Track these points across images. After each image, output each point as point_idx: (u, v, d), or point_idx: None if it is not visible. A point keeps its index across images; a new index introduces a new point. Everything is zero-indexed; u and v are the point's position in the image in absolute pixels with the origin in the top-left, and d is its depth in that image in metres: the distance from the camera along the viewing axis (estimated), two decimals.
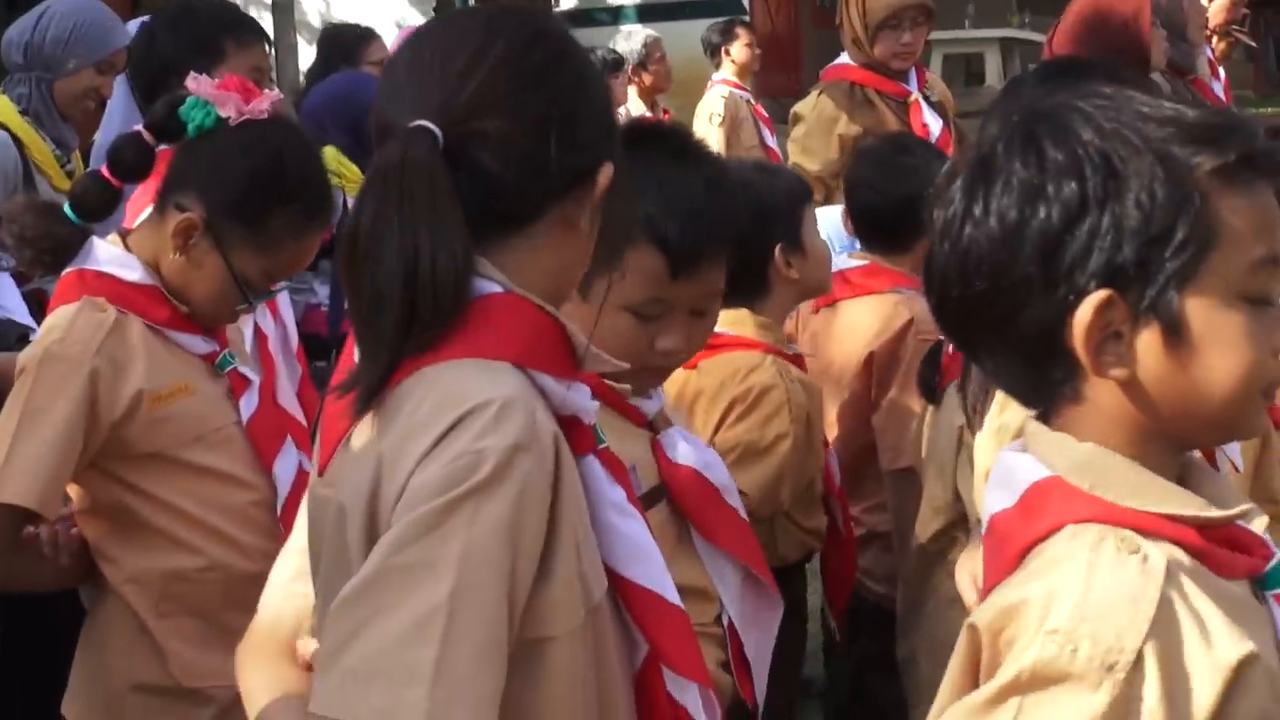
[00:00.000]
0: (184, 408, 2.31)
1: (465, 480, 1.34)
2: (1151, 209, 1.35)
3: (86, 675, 2.39)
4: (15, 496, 2.18)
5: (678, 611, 1.59)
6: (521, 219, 1.52)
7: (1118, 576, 1.32)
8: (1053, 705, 1.30)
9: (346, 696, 1.34)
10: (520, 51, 1.54)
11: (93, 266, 2.30)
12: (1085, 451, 1.40)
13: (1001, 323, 1.42)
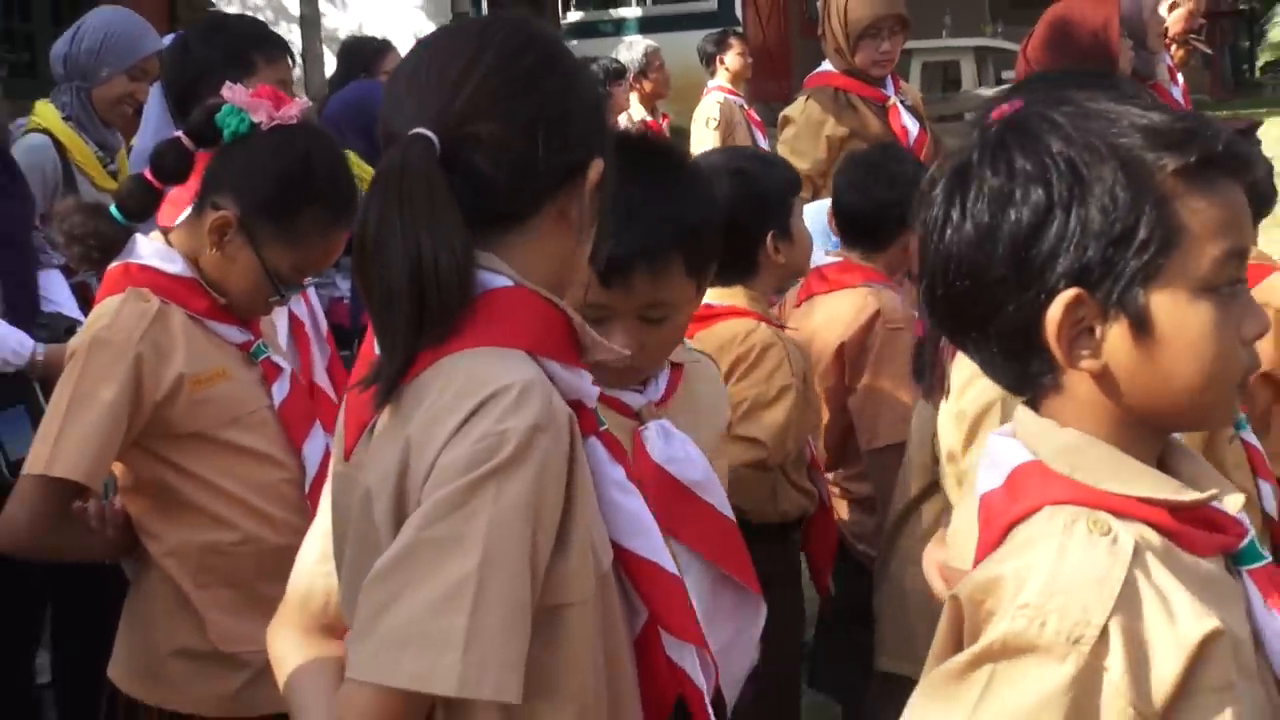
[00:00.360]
0: (221, 391, 2.30)
1: (489, 459, 1.34)
2: (1114, 211, 1.36)
3: (131, 641, 2.38)
4: (65, 471, 2.17)
5: (676, 580, 1.58)
6: (519, 215, 1.52)
7: (1087, 556, 1.34)
8: (1021, 673, 1.31)
9: (383, 663, 1.36)
10: (510, 58, 1.55)
11: (137, 260, 2.30)
12: (1067, 437, 1.41)
13: (984, 320, 1.43)
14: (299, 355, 2.53)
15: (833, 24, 4.69)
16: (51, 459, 2.18)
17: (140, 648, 2.35)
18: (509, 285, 1.47)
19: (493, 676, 1.34)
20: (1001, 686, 1.32)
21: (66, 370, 2.25)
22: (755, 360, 2.73)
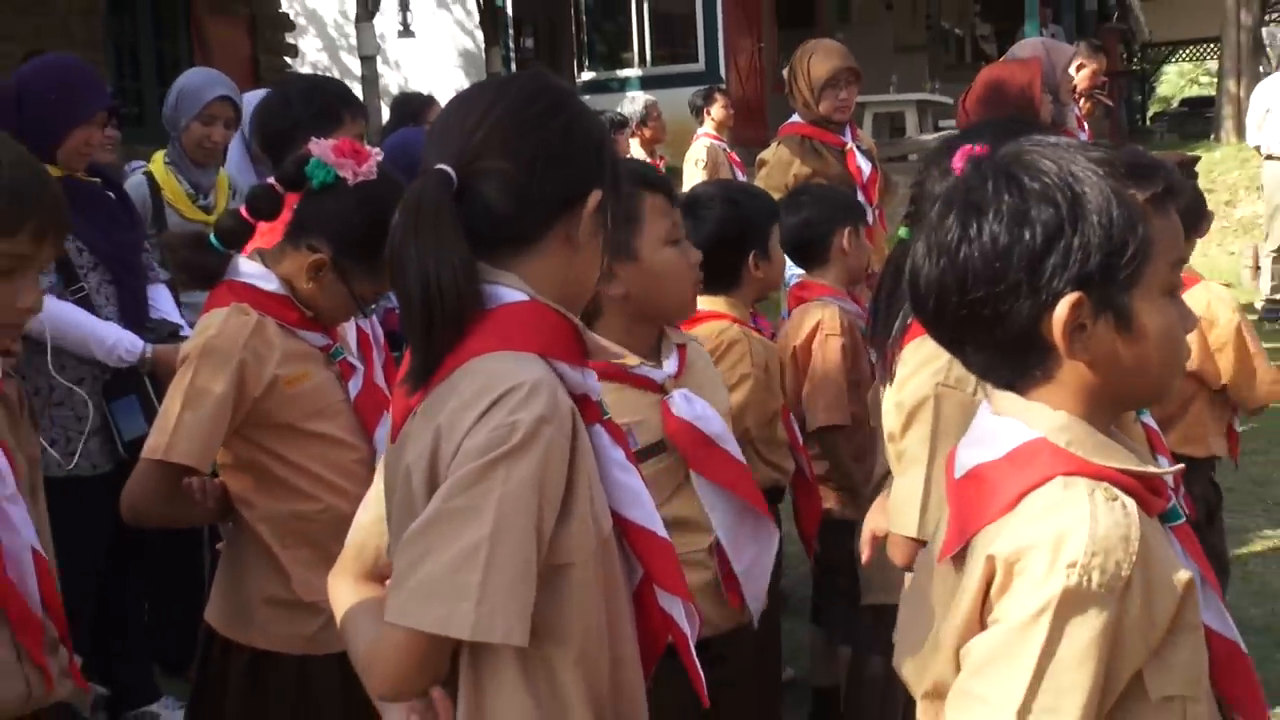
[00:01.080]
0: (307, 388, 2.31)
1: (502, 445, 1.36)
2: (1111, 228, 1.39)
3: (226, 590, 2.39)
4: (180, 457, 2.20)
5: (666, 544, 1.58)
6: (528, 238, 1.52)
7: (1112, 519, 1.36)
8: (1075, 622, 1.33)
9: (411, 610, 1.39)
10: (520, 106, 1.54)
11: (240, 279, 2.31)
12: (1061, 418, 1.43)
13: (992, 322, 1.43)
14: (364, 357, 2.51)
15: (799, 83, 4.72)
16: (169, 447, 2.19)
17: (234, 596, 2.36)
18: (524, 299, 1.48)
19: (502, 624, 1.36)
20: (1059, 634, 1.34)
21: (180, 371, 2.25)
22: (723, 352, 2.74)
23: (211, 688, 2.38)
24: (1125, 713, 1.40)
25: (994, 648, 1.38)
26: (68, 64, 3.68)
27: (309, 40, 14.37)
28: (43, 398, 3.47)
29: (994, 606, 1.40)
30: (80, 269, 3.53)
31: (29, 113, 3.45)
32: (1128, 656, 1.37)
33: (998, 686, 1.37)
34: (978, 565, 1.41)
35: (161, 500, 2.25)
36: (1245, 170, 11.90)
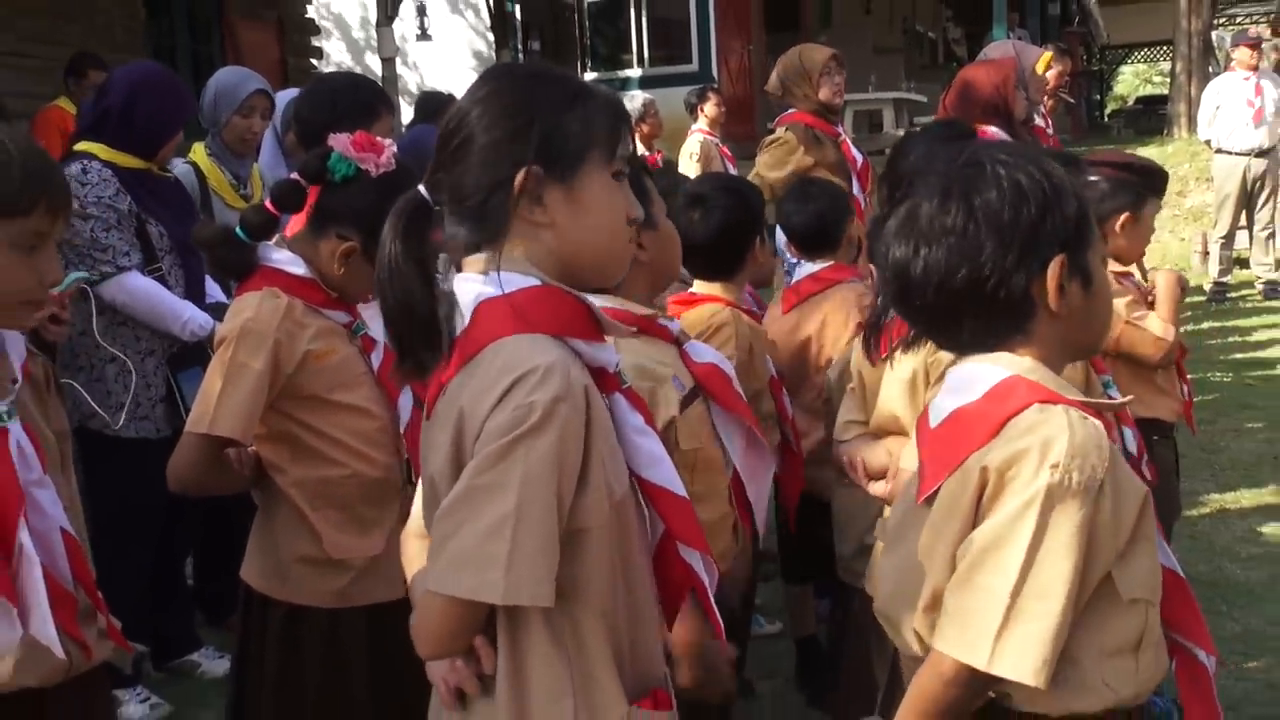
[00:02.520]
0: (333, 363, 2.30)
1: (522, 424, 1.36)
2: (1079, 203, 1.51)
3: (261, 549, 2.39)
4: (224, 430, 2.20)
5: (684, 501, 1.58)
6: (497, 226, 1.48)
7: (1087, 431, 1.44)
8: (1060, 514, 1.40)
9: (447, 579, 1.41)
10: (466, 100, 1.53)
11: (271, 264, 2.31)
12: (1028, 361, 1.52)
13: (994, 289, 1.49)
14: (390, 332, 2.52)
15: (796, 77, 4.75)
16: (213, 421, 2.19)
17: (269, 556, 2.35)
18: (535, 283, 1.46)
19: (529, 588, 1.37)
20: (1046, 525, 1.40)
21: (220, 351, 2.24)
22: (712, 332, 2.72)
23: (252, 640, 2.38)
24: (1100, 614, 1.46)
25: (988, 539, 1.44)
26: (174, 78, 3.82)
27: (333, 43, 14.31)
28: (118, 364, 3.51)
29: (985, 512, 1.46)
30: (159, 251, 3.59)
31: (143, 116, 3.56)
32: (1100, 555, 1.43)
33: (992, 573, 1.43)
34: (970, 482, 1.47)
35: (205, 470, 2.25)
36: (1195, 163, 11.87)
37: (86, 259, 3.43)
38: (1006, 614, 1.40)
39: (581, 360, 1.47)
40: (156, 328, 3.54)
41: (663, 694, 1.55)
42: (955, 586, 1.46)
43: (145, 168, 3.60)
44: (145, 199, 3.56)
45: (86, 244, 3.43)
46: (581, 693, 1.47)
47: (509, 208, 1.47)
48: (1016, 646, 1.40)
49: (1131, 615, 1.46)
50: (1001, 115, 3.90)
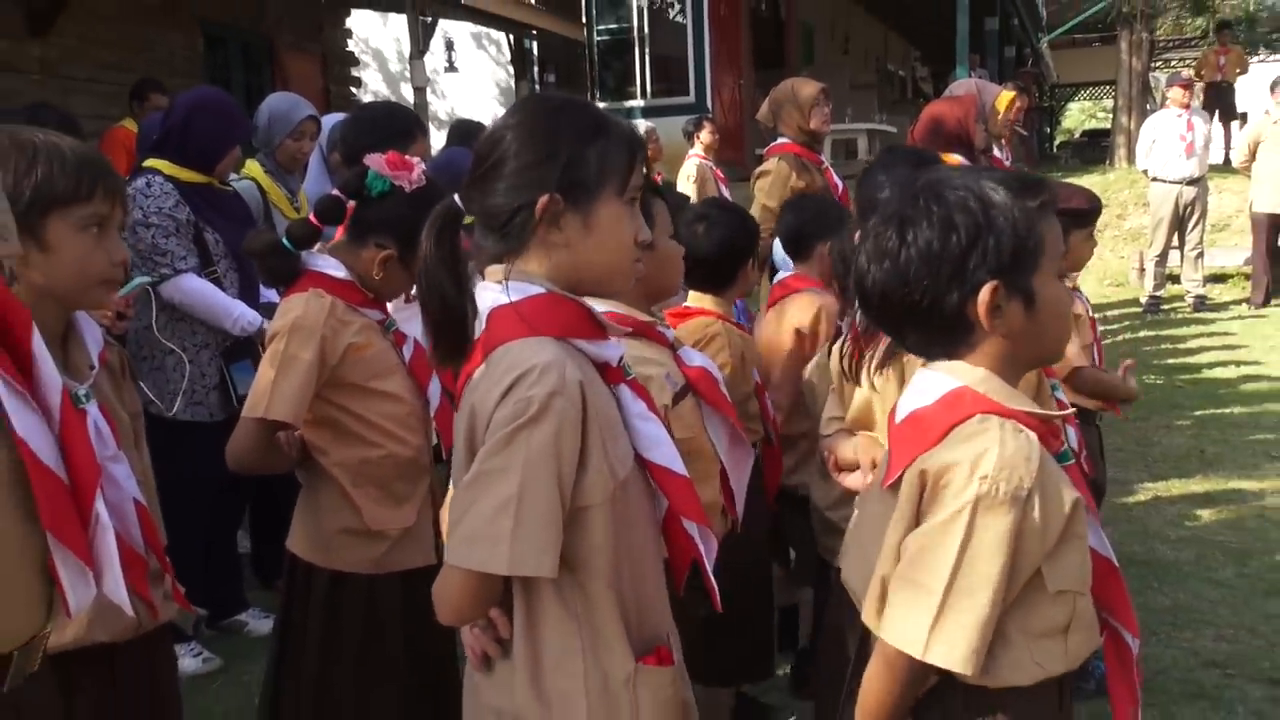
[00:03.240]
0: (370, 355, 2.30)
1: (522, 416, 1.38)
2: (1015, 229, 1.45)
3: (306, 522, 2.38)
4: (278, 414, 2.20)
5: (684, 480, 1.58)
6: (517, 242, 1.50)
7: (1018, 445, 1.42)
8: (985, 522, 1.39)
9: (462, 553, 1.41)
10: (498, 127, 1.53)
11: (316, 269, 2.31)
12: (980, 373, 1.48)
13: (929, 309, 1.47)
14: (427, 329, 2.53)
15: (788, 109, 4.71)
16: (268, 406, 2.20)
17: (313, 528, 2.35)
18: (542, 291, 1.47)
19: (533, 559, 1.38)
20: (974, 531, 1.39)
21: (273, 345, 2.24)
22: (706, 343, 2.71)
23: (296, 604, 2.38)
24: (1029, 604, 1.46)
25: (923, 542, 1.44)
26: (229, 100, 3.82)
27: (371, 74, 14.29)
28: (175, 356, 3.53)
29: (925, 513, 1.46)
30: (215, 256, 3.60)
31: (198, 134, 3.58)
32: (1027, 555, 1.42)
33: (927, 572, 1.43)
34: (914, 483, 1.46)
35: (260, 451, 2.25)
36: (1134, 190, 11.89)
37: (148, 262, 3.47)
38: (939, 610, 1.41)
39: (586, 357, 1.49)
40: (210, 324, 3.57)
41: (665, 651, 1.55)
42: (896, 582, 1.47)
43: (206, 182, 3.61)
44: (203, 209, 3.58)
45: (148, 249, 3.46)
46: (591, 653, 1.47)
47: (530, 227, 1.48)
48: (947, 638, 1.41)
49: (1059, 605, 1.46)
50: (964, 145, 3.93)
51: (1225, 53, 14.64)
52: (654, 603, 1.57)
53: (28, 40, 7.43)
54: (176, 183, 3.53)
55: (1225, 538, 4.56)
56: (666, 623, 1.60)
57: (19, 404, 1.09)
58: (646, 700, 1.49)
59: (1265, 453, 5.72)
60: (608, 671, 1.48)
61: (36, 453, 1.09)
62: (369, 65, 14.23)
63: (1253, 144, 9.58)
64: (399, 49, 13.89)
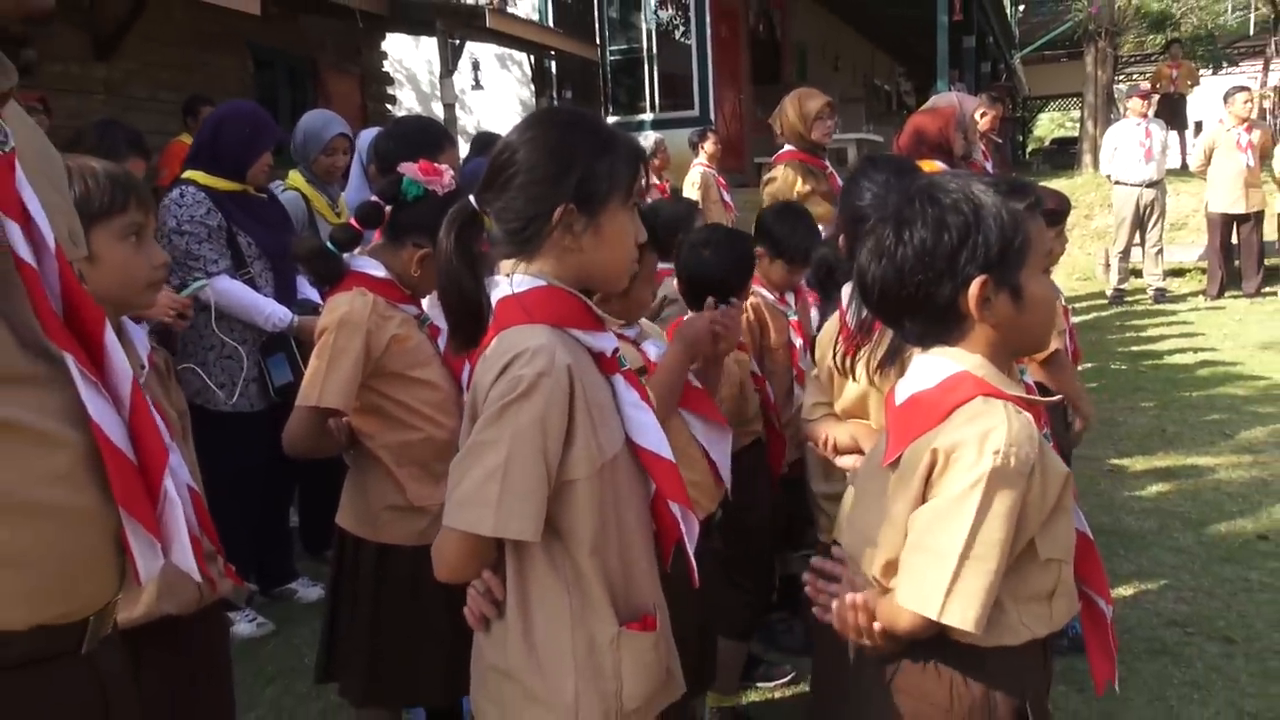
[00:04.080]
0: (410, 346, 2.30)
1: (512, 393, 1.39)
2: (1003, 228, 1.44)
3: (354, 500, 2.38)
4: (330, 402, 2.20)
5: (670, 464, 1.57)
6: (531, 242, 1.50)
7: (1021, 423, 1.41)
8: (997, 492, 1.38)
9: (455, 516, 1.42)
10: (517, 140, 1.51)
11: (359, 269, 2.31)
12: (977, 359, 1.47)
13: (923, 301, 1.47)
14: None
15: (792, 119, 4.66)
16: (321, 396, 2.20)
17: (361, 505, 2.35)
18: (543, 284, 1.48)
19: (516, 524, 1.39)
20: (989, 501, 1.39)
21: (322, 339, 2.24)
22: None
23: (345, 575, 2.38)
24: (1021, 572, 1.46)
25: (938, 513, 1.42)
26: (255, 110, 3.73)
27: (405, 92, 14.27)
28: (215, 352, 3.52)
29: (934, 487, 1.44)
30: (248, 259, 3.57)
31: (226, 142, 3.52)
32: (1028, 525, 1.42)
33: (942, 540, 1.41)
34: (921, 460, 1.45)
35: (313, 436, 2.25)
36: (1099, 192, 11.83)
37: (182, 267, 3.44)
38: (954, 575, 1.39)
39: (581, 345, 1.49)
40: (245, 321, 3.53)
41: (650, 618, 1.54)
42: (910, 550, 1.46)
43: (240, 189, 3.56)
44: (236, 215, 3.53)
45: (182, 255, 3.44)
46: (578, 615, 1.47)
47: (545, 233, 1.49)
48: (961, 602, 1.40)
49: (1047, 571, 1.46)
50: (944, 152, 3.90)
51: (1177, 67, 14.54)
52: (642, 575, 1.56)
53: (94, 64, 7.46)
54: (210, 191, 3.49)
55: (1184, 508, 4.54)
56: (655, 595, 1.59)
57: (93, 393, 1.08)
58: (628, 661, 1.49)
59: (1220, 431, 5.70)
60: (593, 633, 1.48)
61: (110, 436, 1.09)
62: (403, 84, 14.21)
63: (1208, 150, 9.53)
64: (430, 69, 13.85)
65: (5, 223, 1.04)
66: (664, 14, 13.93)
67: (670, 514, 1.56)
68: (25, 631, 1.05)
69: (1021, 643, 1.46)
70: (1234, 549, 4.07)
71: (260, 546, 3.91)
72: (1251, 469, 5.03)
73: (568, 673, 1.46)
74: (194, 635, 1.91)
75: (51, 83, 6.75)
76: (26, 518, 1.03)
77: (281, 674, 3.41)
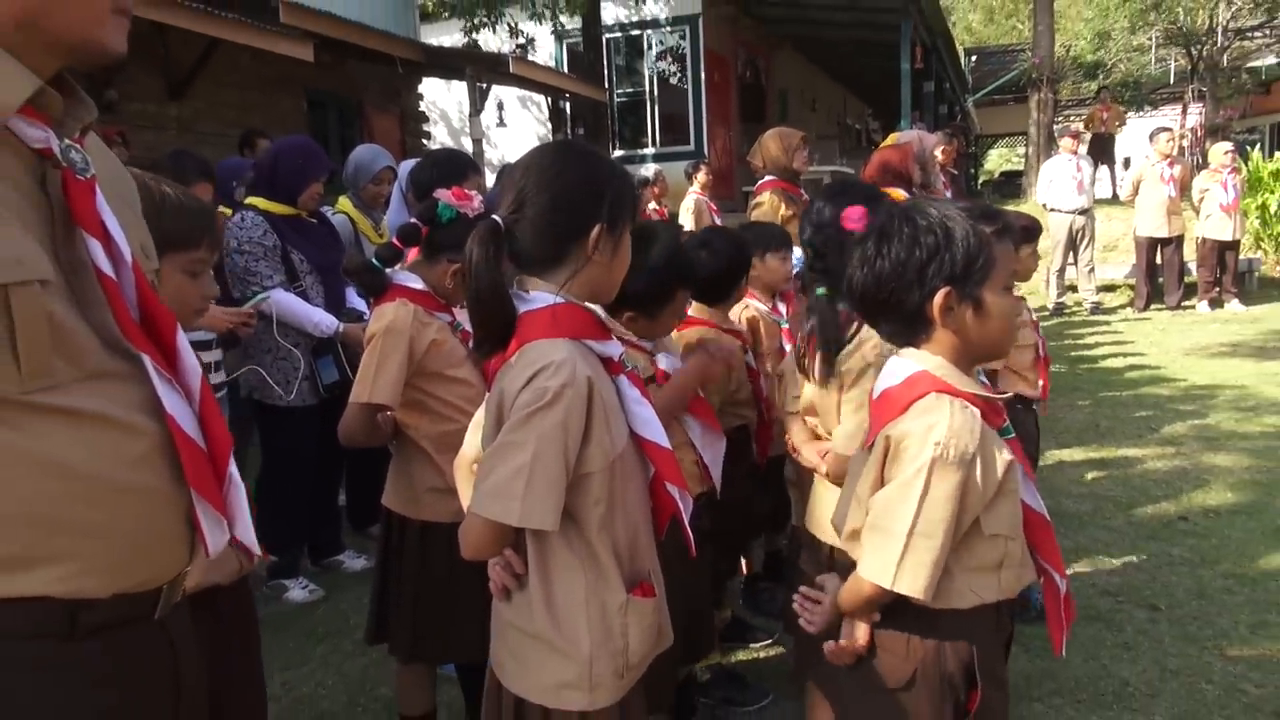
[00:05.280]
0: (446, 349, 2.29)
1: (538, 401, 1.37)
2: (969, 247, 1.44)
3: (398, 483, 2.37)
4: (380, 399, 2.20)
5: (668, 452, 1.56)
6: (557, 258, 1.47)
7: (964, 417, 1.41)
8: (938, 479, 1.38)
9: (484, 504, 1.40)
10: (544, 169, 1.47)
11: (400, 283, 2.30)
12: (937, 360, 1.47)
13: (895, 306, 1.48)
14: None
15: (775, 152, 4.61)
16: (372, 393, 2.19)
17: (406, 487, 2.34)
18: (560, 301, 1.45)
19: (538, 515, 1.38)
20: (930, 486, 1.39)
21: (371, 345, 2.23)
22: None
23: (392, 550, 2.37)
24: (968, 546, 1.47)
25: (889, 496, 1.44)
26: (307, 142, 3.73)
27: (438, 129, 14.29)
28: (272, 355, 3.51)
29: (888, 471, 1.46)
30: (301, 273, 3.56)
31: (282, 171, 3.51)
32: (970, 506, 1.42)
33: (893, 521, 1.43)
34: (880, 447, 1.47)
35: (365, 429, 2.25)
36: (1043, 219, 11.81)
37: (241, 282, 3.45)
38: (903, 550, 1.41)
39: (593, 353, 1.48)
40: (297, 328, 3.52)
41: (649, 585, 1.55)
42: (868, 529, 1.48)
43: (294, 213, 3.55)
44: (290, 235, 3.52)
45: (241, 271, 3.44)
46: (592, 586, 1.48)
47: (573, 251, 1.47)
48: (910, 573, 1.42)
49: (993, 546, 1.46)
50: (904, 180, 3.93)
51: (1107, 110, 14.56)
52: (642, 546, 1.56)
53: (169, 103, 7.47)
54: (268, 215, 3.48)
55: (1115, 493, 4.53)
56: (651, 561, 1.59)
57: (167, 388, 1.08)
58: (634, 624, 1.50)
59: (1147, 426, 5.69)
60: (605, 601, 1.48)
61: (183, 427, 1.08)
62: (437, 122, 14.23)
63: (1136, 181, 9.58)
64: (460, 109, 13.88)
65: (88, 240, 1.04)
66: (663, 63, 13.97)
67: (667, 493, 1.57)
68: (108, 599, 1.04)
69: (970, 607, 1.47)
70: (1158, 528, 4.06)
71: (313, 523, 3.90)
72: (1174, 459, 5.02)
73: (583, 634, 1.48)
74: (230, 602, 1.90)
75: (130, 119, 6.76)
76: (113, 496, 1.03)
77: (330, 634, 3.41)
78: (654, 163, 9.80)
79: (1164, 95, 22.71)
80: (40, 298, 0.96)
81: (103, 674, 1.05)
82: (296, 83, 8.76)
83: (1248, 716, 2.65)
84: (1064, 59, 18.30)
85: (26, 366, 0.95)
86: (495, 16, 11.10)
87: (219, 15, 6.58)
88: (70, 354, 1.00)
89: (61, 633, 1.01)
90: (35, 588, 0.99)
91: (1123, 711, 2.70)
